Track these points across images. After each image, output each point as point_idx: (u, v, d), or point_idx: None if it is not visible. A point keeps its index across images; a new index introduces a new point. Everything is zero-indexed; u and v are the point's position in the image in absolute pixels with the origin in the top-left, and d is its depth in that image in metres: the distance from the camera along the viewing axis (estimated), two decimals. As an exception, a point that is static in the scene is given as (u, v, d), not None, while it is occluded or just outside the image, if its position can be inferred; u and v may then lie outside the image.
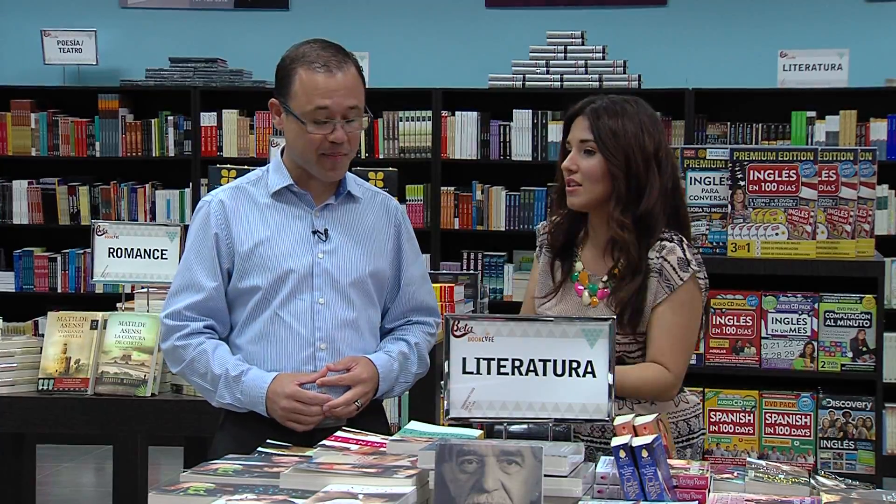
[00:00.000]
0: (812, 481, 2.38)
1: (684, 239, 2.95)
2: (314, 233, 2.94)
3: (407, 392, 3.04)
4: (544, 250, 3.09)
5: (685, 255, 2.92)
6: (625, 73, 6.86)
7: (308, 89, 2.87)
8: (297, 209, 2.95)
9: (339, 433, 2.65)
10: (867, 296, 4.53)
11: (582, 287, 3.00)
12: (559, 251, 3.05)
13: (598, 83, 6.88)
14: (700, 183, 4.55)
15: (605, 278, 2.97)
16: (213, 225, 2.93)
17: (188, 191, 7.31)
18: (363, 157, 7.11)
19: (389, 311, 3.08)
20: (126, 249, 4.09)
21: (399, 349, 3.01)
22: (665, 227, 2.95)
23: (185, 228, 3.44)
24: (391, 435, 2.80)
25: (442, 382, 2.48)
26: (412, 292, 3.07)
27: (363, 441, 2.59)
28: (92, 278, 4.19)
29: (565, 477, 2.21)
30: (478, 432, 2.60)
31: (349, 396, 2.89)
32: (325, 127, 2.86)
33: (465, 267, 7.08)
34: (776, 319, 4.54)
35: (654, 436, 2.23)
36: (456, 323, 2.43)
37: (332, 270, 2.93)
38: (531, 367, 2.42)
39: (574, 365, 2.41)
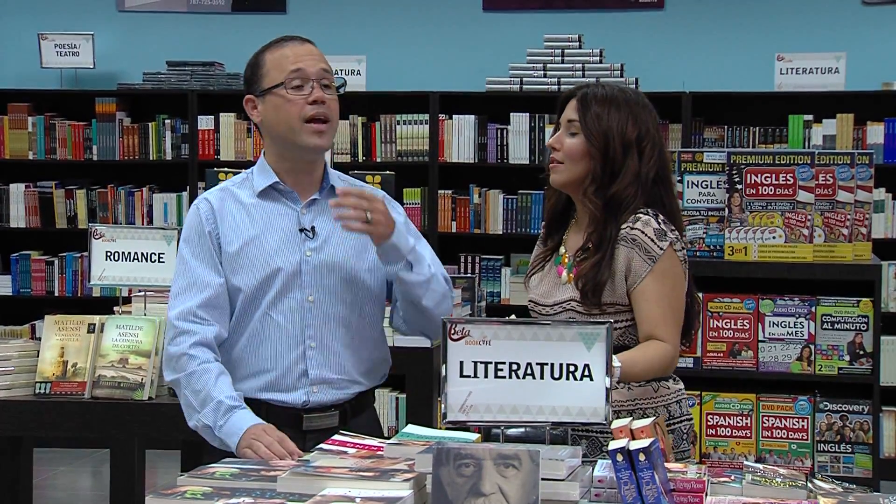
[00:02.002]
0: (809, 485, 2.38)
1: (659, 214, 2.97)
2: (301, 230, 2.94)
3: (404, 395, 2.99)
4: (539, 242, 3.16)
5: (661, 226, 2.95)
6: (622, 76, 6.85)
7: (278, 62, 2.92)
8: (282, 207, 2.96)
9: (336, 437, 2.65)
10: (864, 299, 4.54)
11: (562, 268, 3.05)
12: (550, 231, 3.12)
13: (595, 87, 6.88)
14: (697, 186, 4.56)
15: (577, 257, 3.02)
16: (206, 224, 2.94)
17: (185, 194, 7.31)
18: (361, 160, 7.13)
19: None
20: (123, 253, 4.10)
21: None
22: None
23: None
24: (384, 437, 2.82)
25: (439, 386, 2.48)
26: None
27: (360, 444, 2.59)
28: (89, 282, 4.19)
29: (562, 480, 2.20)
30: (475, 436, 2.61)
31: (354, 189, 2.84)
32: (303, 90, 2.89)
33: (462, 270, 7.09)
34: (773, 323, 4.56)
35: (652, 439, 2.23)
36: (453, 326, 2.43)
37: (320, 267, 2.92)
38: (528, 371, 2.42)
39: (571, 368, 2.41)
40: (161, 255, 4.06)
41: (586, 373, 2.41)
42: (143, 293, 4.14)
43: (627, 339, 2.96)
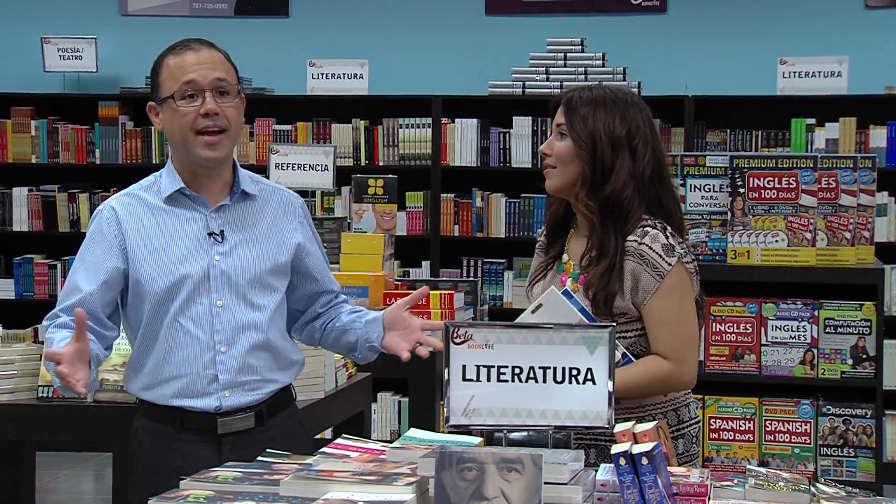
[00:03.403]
0: (812, 489, 2.38)
1: (667, 227, 2.96)
2: (210, 234, 2.91)
3: (406, 399, 3.00)
4: (538, 250, 3.15)
5: (668, 241, 2.93)
6: (624, 80, 6.86)
7: (173, 70, 2.87)
8: (190, 212, 2.92)
9: (338, 440, 2.64)
10: (867, 303, 4.53)
11: (566, 276, 3.04)
12: (551, 239, 3.10)
13: (597, 90, 6.89)
14: (700, 190, 4.55)
15: (582, 264, 3.00)
16: (106, 232, 2.91)
17: (188, 198, 7.30)
18: (363, 163, 7.13)
19: (307, 299, 3.08)
20: None
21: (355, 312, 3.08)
22: (646, 214, 2.96)
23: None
24: (307, 437, 2.88)
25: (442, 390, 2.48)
26: (324, 282, 3.09)
27: (363, 448, 2.58)
28: None
29: (565, 484, 2.19)
30: (478, 439, 2.60)
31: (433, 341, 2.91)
32: (194, 100, 2.86)
33: (464, 274, 7.09)
34: (776, 326, 4.54)
35: (655, 443, 2.22)
36: (456, 330, 2.42)
37: (228, 272, 2.90)
38: (531, 375, 2.42)
39: (574, 372, 2.41)
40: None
41: (589, 377, 2.41)
42: None
43: (639, 349, 2.95)
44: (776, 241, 4.51)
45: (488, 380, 2.42)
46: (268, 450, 2.60)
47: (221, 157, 2.91)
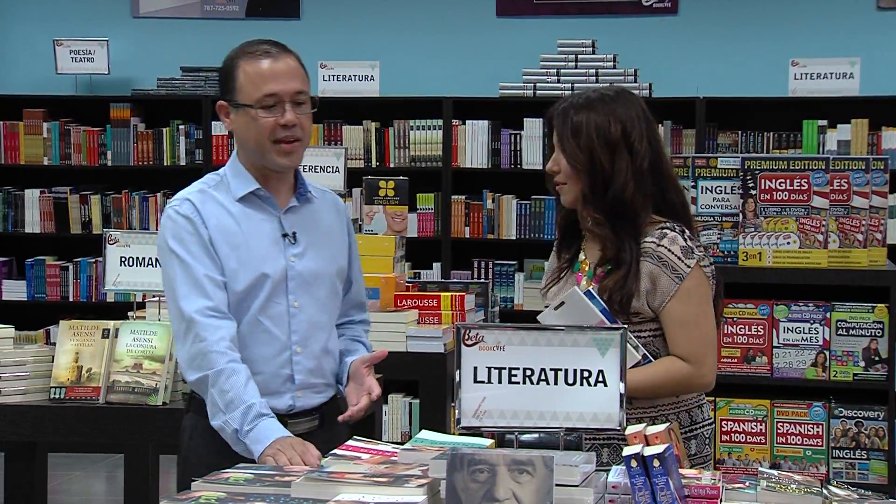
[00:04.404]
0: (824, 491, 2.37)
1: (685, 230, 2.94)
2: (284, 236, 2.93)
3: (417, 401, 3.02)
4: (555, 250, 3.15)
5: (687, 243, 2.92)
6: (636, 81, 6.85)
7: (253, 77, 2.87)
8: (263, 213, 2.93)
9: (350, 442, 2.65)
10: (879, 305, 4.53)
11: (581, 275, 3.03)
12: (563, 242, 3.09)
13: (608, 92, 6.87)
14: (711, 192, 4.55)
15: (595, 272, 2.99)
16: (196, 221, 2.88)
17: (199, 200, 7.30)
18: (374, 165, 7.14)
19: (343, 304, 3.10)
20: (137, 258, 4.09)
21: (361, 342, 3.10)
22: (657, 212, 2.95)
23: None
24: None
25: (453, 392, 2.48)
26: (358, 289, 3.13)
27: (374, 450, 2.59)
28: (103, 287, 4.19)
29: (577, 486, 2.19)
30: (489, 441, 2.60)
31: (365, 404, 2.91)
32: (274, 111, 2.86)
33: (475, 276, 7.08)
34: (788, 328, 4.55)
35: (666, 445, 2.22)
36: (467, 332, 2.43)
37: (304, 273, 2.92)
38: (542, 377, 2.42)
39: (585, 374, 2.41)
40: (175, 261, 4.05)
41: (600, 378, 2.41)
42: (157, 298, 4.13)
43: (652, 349, 2.95)
44: (788, 243, 4.50)
45: (499, 382, 2.42)
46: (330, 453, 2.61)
47: (294, 166, 2.95)
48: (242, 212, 2.91)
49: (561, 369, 2.41)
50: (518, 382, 2.42)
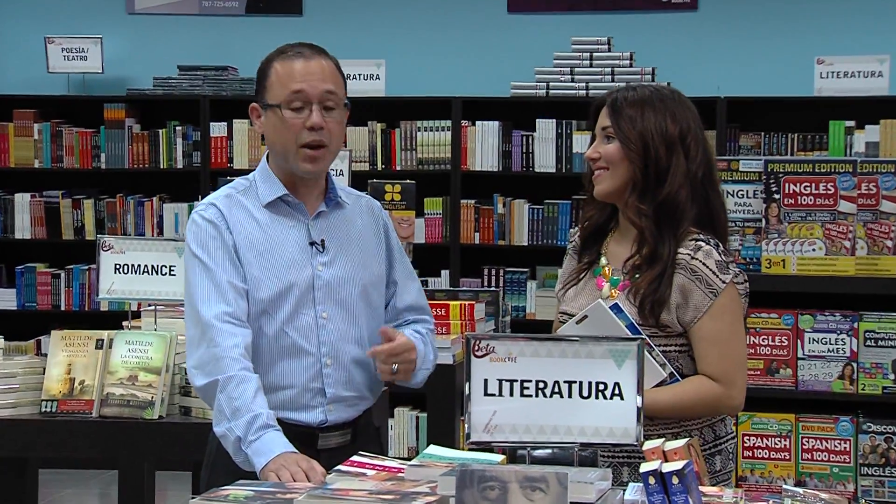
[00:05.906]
0: (852, 510, 2.34)
1: (719, 244, 2.94)
2: (311, 244, 2.94)
3: (425, 415, 2.94)
4: (571, 252, 3.13)
5: (722, 258, 2.91)
6: (653, 80, 6.86)
7: (282, 76, 2.91)
8: (291, 220, 2.95)
9: (354, 457, 2.63)
10: (909, 315, 4.55)
11: (604, 280, 3.02)
12: (586, 244, 3.08)
13: (625, 91, 6.84)
14: (733, 196, 4.51)
15: (625, 270, 2.97)
16: (221, 227, 2.91)
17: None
18: (380, 168, 7.18)
19: (392, 311, 3.11)
20: (132, 265, 4.10)
21: (416, 331, 3.05)
22: (696, 220, 2.94)
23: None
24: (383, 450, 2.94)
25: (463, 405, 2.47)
26: (406, 290, 3.11)
27: (380, 466, 2.58)
28: (97, 295, 4.17)
29: (591, 504, 2.16)
30: (500, 457, 2.59)
31: (395, 346, 2.89)
32: (301, 112, 2.89)
33: (485, 284, 7.06)
34: (813, 339, 4.49)
35: (686, 461, 2.21)
36: (477, 343, 2.41)
37: (332, 283, 2.94)
38: (556, 389, 2.41)
39: (601, 387, 2.40)
40: (172, 268, 4.04)
41: (616, 391, 2.40)
42: (153, 307, 4.14)
43: (678, 364, 2.92)
44: (813, 250, 4.44)
45: (511, 395, 2.42)
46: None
47: (320, 172, 2.96)
48: (269, 218, 2.93)
49: (575, 382, 2.40)
50: (530, 395, 2.41)
